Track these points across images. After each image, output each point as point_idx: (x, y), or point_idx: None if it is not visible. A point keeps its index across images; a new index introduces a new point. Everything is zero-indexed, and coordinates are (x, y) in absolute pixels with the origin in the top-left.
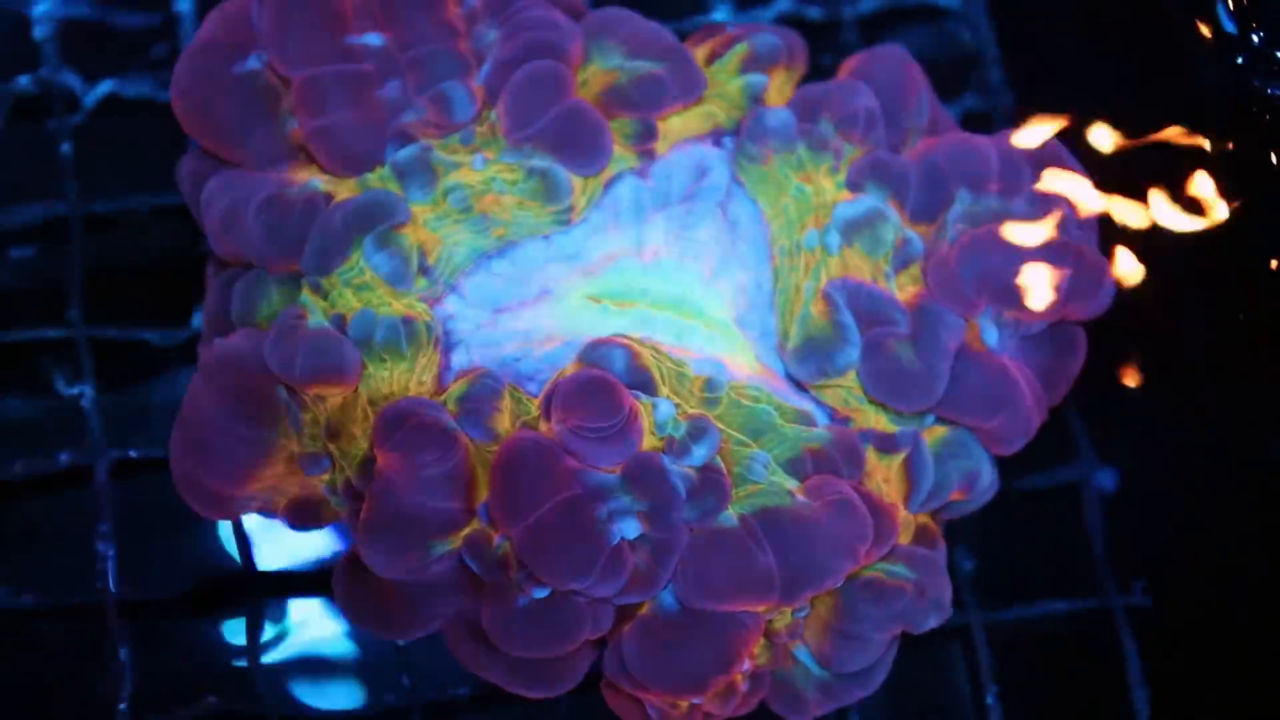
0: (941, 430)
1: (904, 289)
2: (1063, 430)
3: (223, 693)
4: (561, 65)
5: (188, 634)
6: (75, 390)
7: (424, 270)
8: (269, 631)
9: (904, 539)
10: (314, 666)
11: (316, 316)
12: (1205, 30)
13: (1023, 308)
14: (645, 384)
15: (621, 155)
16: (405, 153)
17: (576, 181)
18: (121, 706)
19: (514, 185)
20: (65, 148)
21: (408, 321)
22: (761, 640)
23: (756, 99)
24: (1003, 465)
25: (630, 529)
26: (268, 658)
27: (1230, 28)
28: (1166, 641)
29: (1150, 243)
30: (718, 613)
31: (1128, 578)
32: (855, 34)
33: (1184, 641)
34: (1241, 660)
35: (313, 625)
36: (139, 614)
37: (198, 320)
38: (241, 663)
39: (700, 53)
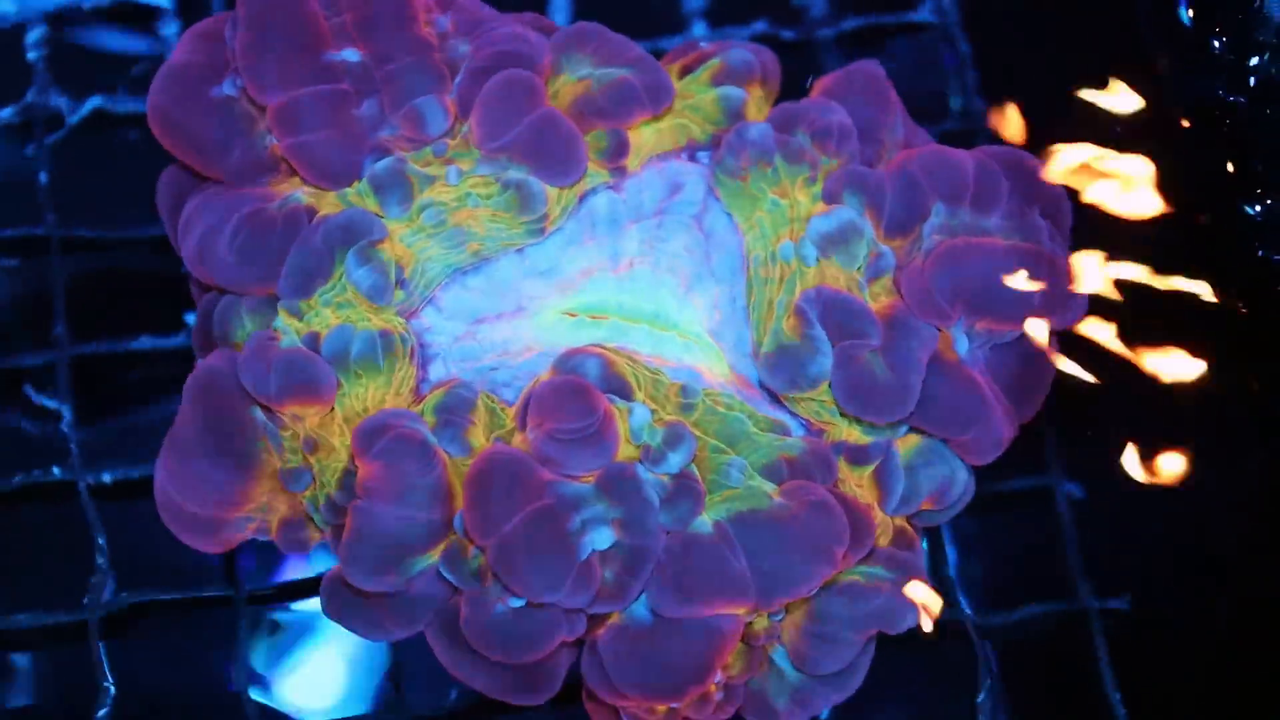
0: (915, 440)
1: (877, 299)
2: (1036, 439)
3: (211, 703)
4: (533, 74)
5: (174, 643)
6: (55, 408)
7: (400, 284)
8: (258, 641)
9: (882, 541)
10: (304, 675)
11: (290, 337)
12: (1171, 42)
13: (995, 318)
14: (621, 390)
15: (595, 171)
16: (382, 165)
17: (551, 192)
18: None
19: (488, 198)
20: (46, 166)
21: (384, 335)
22: (738, 647)
23: (734, 113)
24: (982, 469)
25: (602, 539)
26: (257, 666)
27: (1188, 23)
28: (1142, 646)
29: (1121, 253)
30: (693, 619)
31: (1103, 583)
32: (834, 54)
33: (1160, 646)
34: (1217, 666)
35: (303, 634)
36: (124, 625)
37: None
38: (230, 671)
39: (673, 68)
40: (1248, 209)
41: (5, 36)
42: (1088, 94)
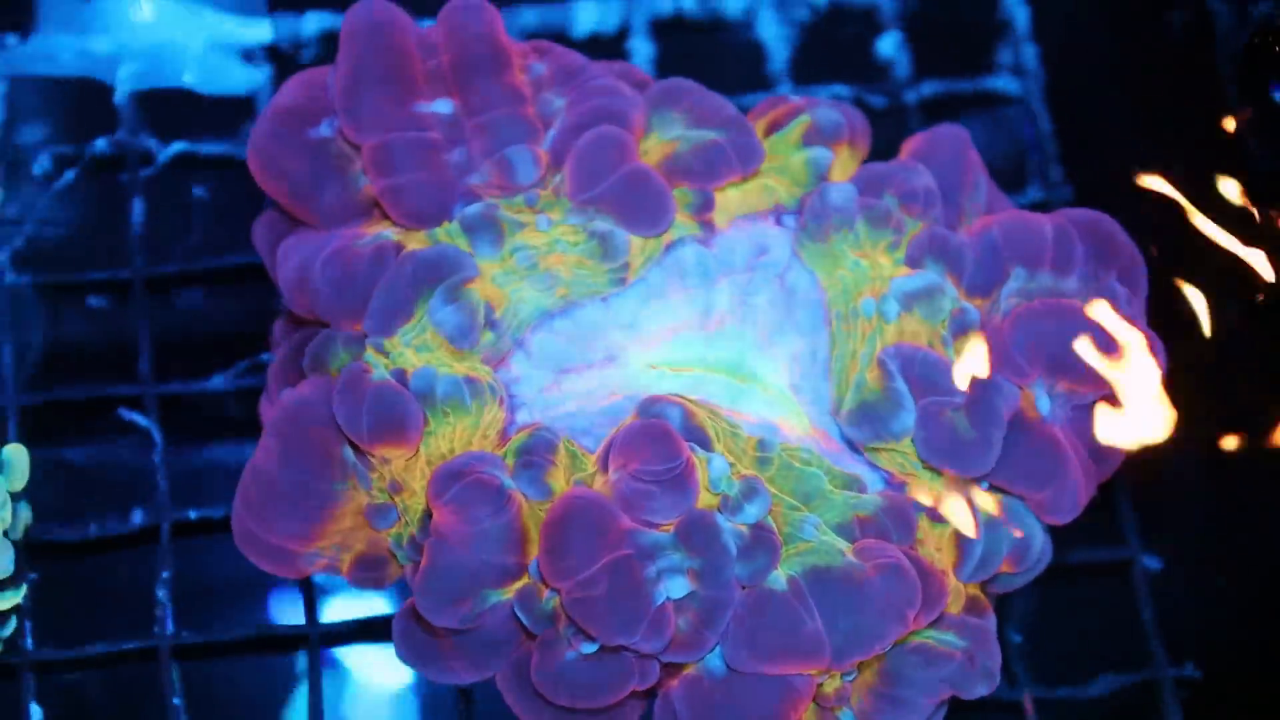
0: (994, 499)
1: (961, 355)
2: (1110, 506)
3: None
4: (625, 132)
5: (245, 679)
6: (141, 445)
7: (490, 324)
8: (329, 676)
9: (954, 608)
10: (374, 711)
11: (380, 370)
12: (1260, 116)
13: (1074, 379)
14: (700, 440)
15: (682, 223)
16: (473, 210)
17: (635, 242)
18: None
19: (575, 245)
20: (137, 204)
21: (470, 381)
22: (810, 705)
23: (821, 175)
24: (1054, 541)
25: (677, 588)
26: (327, 702)
27: None
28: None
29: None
30: (767, 675)
31: (1177, 657)
32: (918, 121)
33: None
34: None
35: (373, 672)
36: (197, 660)
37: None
38: (301, 706)
39: (761, 125)
40: None
41: (98, 76)
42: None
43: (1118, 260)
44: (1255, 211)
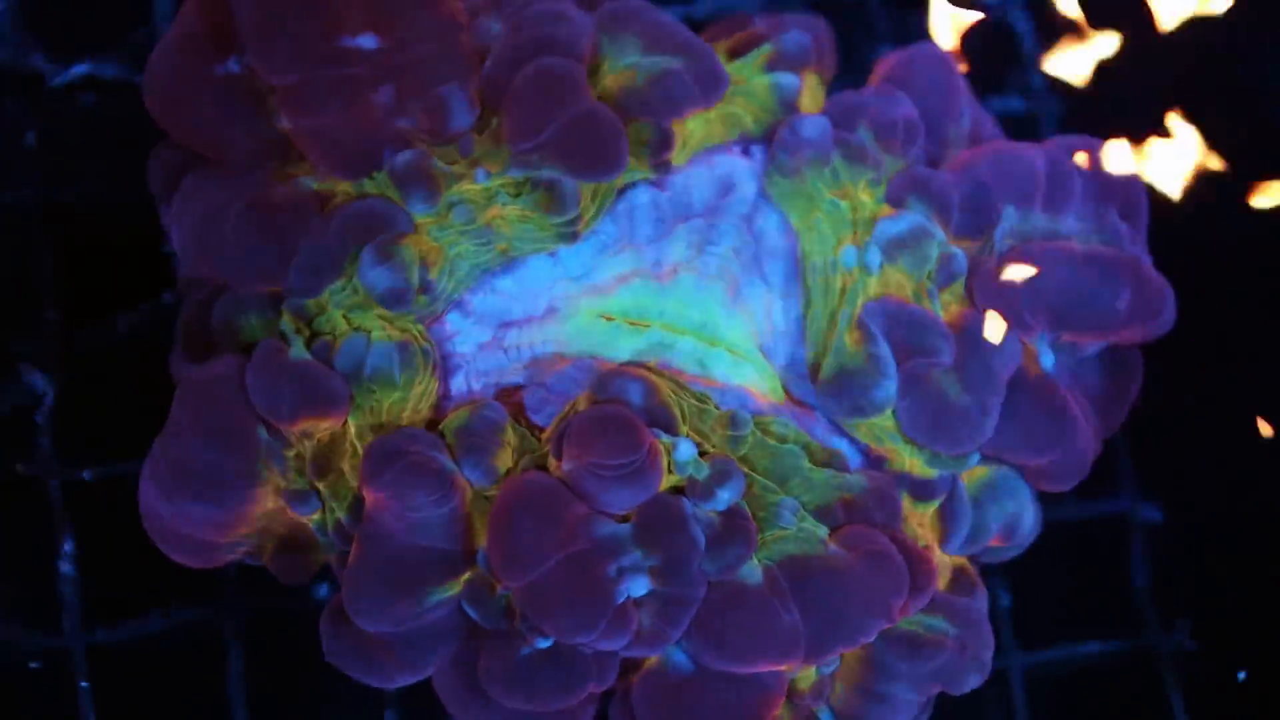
0: (983, 471)
1: (948, 308)
2: (1107, 459)
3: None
4: (572, 63)
5: (157, 656)
6: (36, 390)
7: (425, 286)
8: (248, 659)
9: (940, 584)
10: (298, 699)
11: (298, 346)
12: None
13: (1081, 329)
14: (664, 420)
15: (636, 167)
16: (404, 158)
17: (585, 189)
18: None
19: (517, 197)
20: (30, 132)
21: (403, 347)
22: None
23: (788, 103)
24: (1043, 496)
25: (639, 586)
26: (244, 688)
27: None
28: (1211, 684)
29: (1202, 257)
30: (736, 672)
31: (1172, 617)
32: (885, 18)
33: (1229, 684)
34: None
35: (300, 656)
36: (104, 643)
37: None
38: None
39: (721, 49)
40: None
41: None
42: None
43: (1117, 193)
44: None
